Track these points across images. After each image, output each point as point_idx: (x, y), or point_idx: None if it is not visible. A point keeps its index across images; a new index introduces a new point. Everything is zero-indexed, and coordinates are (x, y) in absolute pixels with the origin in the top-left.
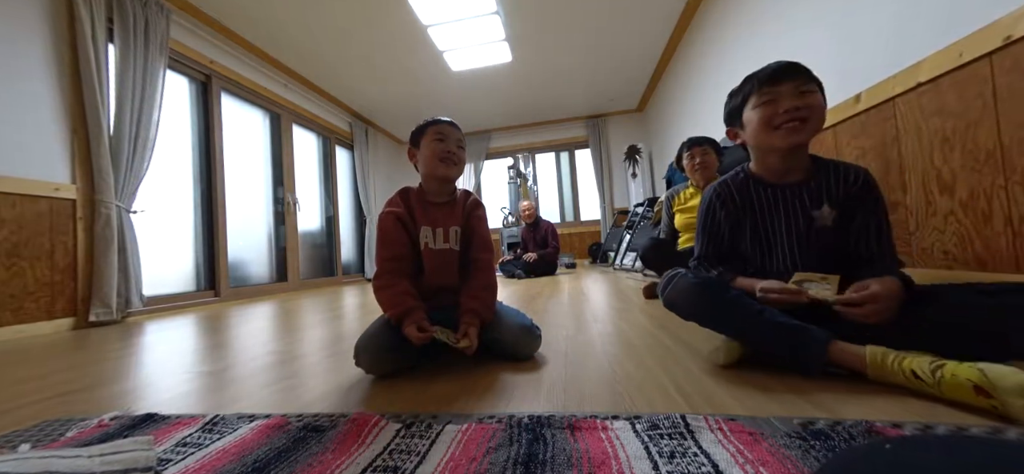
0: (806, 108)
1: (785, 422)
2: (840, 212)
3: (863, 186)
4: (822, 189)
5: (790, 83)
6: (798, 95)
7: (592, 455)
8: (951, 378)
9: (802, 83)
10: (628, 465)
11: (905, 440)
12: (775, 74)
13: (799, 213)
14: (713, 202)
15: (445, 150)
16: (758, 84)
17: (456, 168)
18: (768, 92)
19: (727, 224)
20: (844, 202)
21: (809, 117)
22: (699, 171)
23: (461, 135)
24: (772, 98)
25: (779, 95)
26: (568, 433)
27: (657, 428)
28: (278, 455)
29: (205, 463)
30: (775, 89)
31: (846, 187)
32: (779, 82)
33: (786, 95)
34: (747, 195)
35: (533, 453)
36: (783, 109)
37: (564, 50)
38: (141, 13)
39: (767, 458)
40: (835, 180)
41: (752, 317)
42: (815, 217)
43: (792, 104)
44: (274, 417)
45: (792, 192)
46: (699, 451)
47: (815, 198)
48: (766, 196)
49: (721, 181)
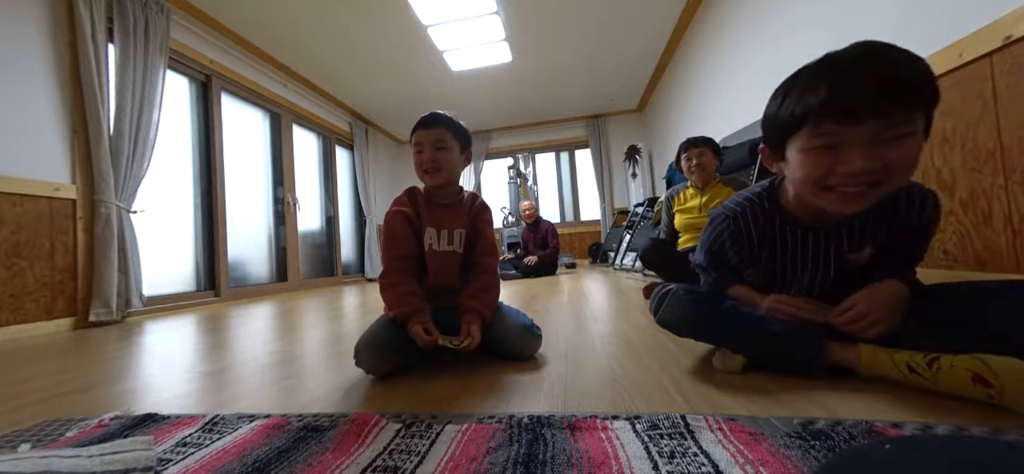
0: (885, 170)
1: (785, 422)
2: (883, 244)
3: (927, 215)
4: (867, 229)
5: (874, 123)
6: (878, 145)
7: (592, 455)
8: (949, 369)
9: (893, 122)
10: (628, 465)
11: (905, 440)
12: (849, 103)
13: (831, 257)
14: (722, 233)
15: (420, 161)
16: (818, 114)
17: (438, 175)
18: (831, 134)
19: (736, 256)
20: (892, 234)
21: (884, 181)
22: (696, 172)
23: (442, 132)
24: (835, 142)
25: (847, 143)
26: (568, 433)
27: (657, 428)
28: (278, 455)
29: (205, 463)
30: (846, 130)
31: (903, 219)
32: (856, 121)
33: (858, 147)
34: (770, 230)
35: (533, 453)
36: (847, 170)
37: (564, 50)
38: (141, 13)
39: (767, 458)
40: (890, 215)
41: (749, 328)
42: (850, 259)
43: (863, 165)
44: (274, 417)
45: (828, 235)
46: (699, 451)
47: (855, 240)
48: (794, 237)
49: (738, 206)
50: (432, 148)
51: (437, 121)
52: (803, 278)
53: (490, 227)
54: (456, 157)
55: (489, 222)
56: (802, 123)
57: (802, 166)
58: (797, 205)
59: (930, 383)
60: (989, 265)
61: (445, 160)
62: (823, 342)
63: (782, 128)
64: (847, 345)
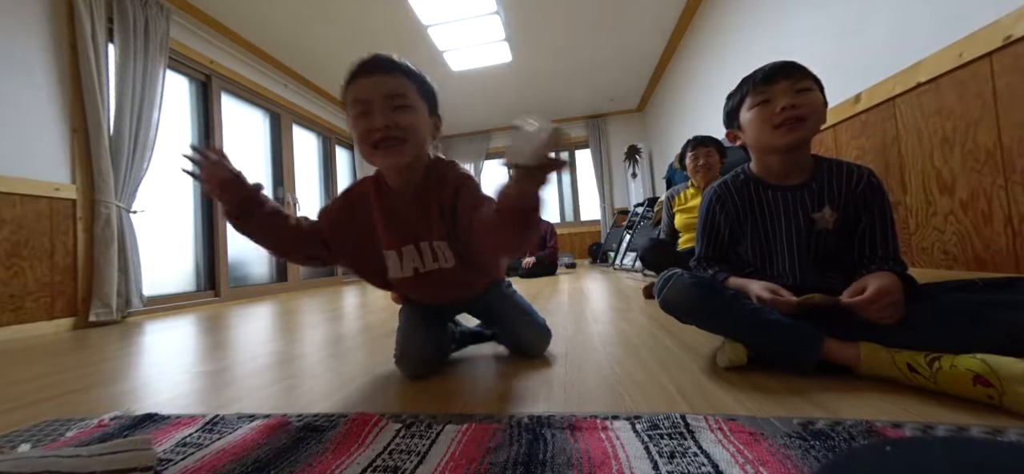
0: (804, 106)
1: (785, 422)
2: (842, 214)
3: (867, 187)
4: (823, 190)
5: (785, 82)
6: (794, 94)
7: (592, 455)
8: (950, 369)
9: (797, 81)
10: (628, 465)
11: (906, 442)
12: (770, 74)
13: (800, 215)
14: (713, 203)
15: (367, 130)
16: (753, 85)
17: (402, 150)
18: (763, 92)
19: (726, 226)
20: (846, 204)
21: (807, 115)
22: (702, 172)
23: (400, 81)
24: (768, 97)
25: (775, 94)
26: (568, 433)
27: (657, 428)
28: (277, 455)
29: (205, 463)
30: (770, 88)
31: (848, 188)
32: (774, 81)
33: (781, 94)
34: (747, 196)
35: (533, 453)
36: (779, 108)
37: (564, 50)
38: (141, 13)
39: (767, 458)
40: (837, 181)
41: (747, 316)
42: (816, 219)
43: (788, 102)
44: (274, 417)
45: (793, 194)
46: (699, 451)
47: (816, 199)
48: (766, 198)
49: (721, 182)
50: (383, 109)
51: (391, 66)
52: (785, 242)
53: (478, 191)
54: (424, 122)
55: (475, 188)
56: (746, 96)
57: (752, 121)
58: (762, 168)
59: (930, 383)
60: (989, 265)
61: (409, 125)
62: (820, 338)
63: (736, 108)
64: (846, 343)
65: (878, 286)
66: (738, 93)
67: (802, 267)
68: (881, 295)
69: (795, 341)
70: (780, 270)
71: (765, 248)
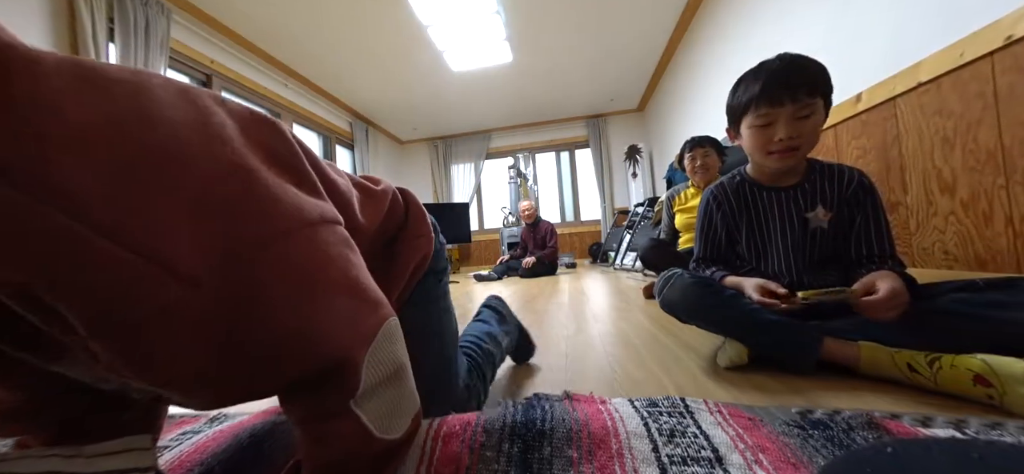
0: (800, 136)
1: (784, 410)
2: (836, 215)
3: (858, 188)
4: (816, 191)
5: (790, 106)
6: (794, 122)
7: (592, 430)
8: (950, 369)
9: (801, 106)
10: (628, 444)
11: (907, 442)
12: (774, 94)
13: (794, 216)
14: (710, 204)
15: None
16: (756, 102)
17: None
18: (765, 115)
19: (723, 226)
20: (839, 205)
21: (801, 145)
22: (700, 172)
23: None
24: (768, 122)
25: (776, 119)
26: (566, 403)
27: (656, 406)
28: (272, 429)
29: (200, 445)
30: (773, 111)
31: (840, 190)
32: (778, 103)
33: (782, 121)
34: (742, 197)
35: (530, 419)
36: (777, 137)
37: (564, 50)
38: (142, 13)
39: (766, 444)
40: (829, 182)
41: (747, 316)
42: (809, 219)
43: (786, 134)
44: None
45: (787, 195)
46: (699, 432)
47: (808, 199)
48: (761, 199)
49: (718, 183)
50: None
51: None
52: (780, 242)
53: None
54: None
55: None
56: (747, 108)
57: (751, 138)
58: (757, 172)
59: (931, 383)
60: (990, 266)
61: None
62: (819, 339)
63: (736, 113)
64: (846, 343)
65: (891, 287)
66: (743, 95)
67: (797, 265)
68: (894, 296)
69: (795, 341)
70: (776, 269)
71: (761, 247)
